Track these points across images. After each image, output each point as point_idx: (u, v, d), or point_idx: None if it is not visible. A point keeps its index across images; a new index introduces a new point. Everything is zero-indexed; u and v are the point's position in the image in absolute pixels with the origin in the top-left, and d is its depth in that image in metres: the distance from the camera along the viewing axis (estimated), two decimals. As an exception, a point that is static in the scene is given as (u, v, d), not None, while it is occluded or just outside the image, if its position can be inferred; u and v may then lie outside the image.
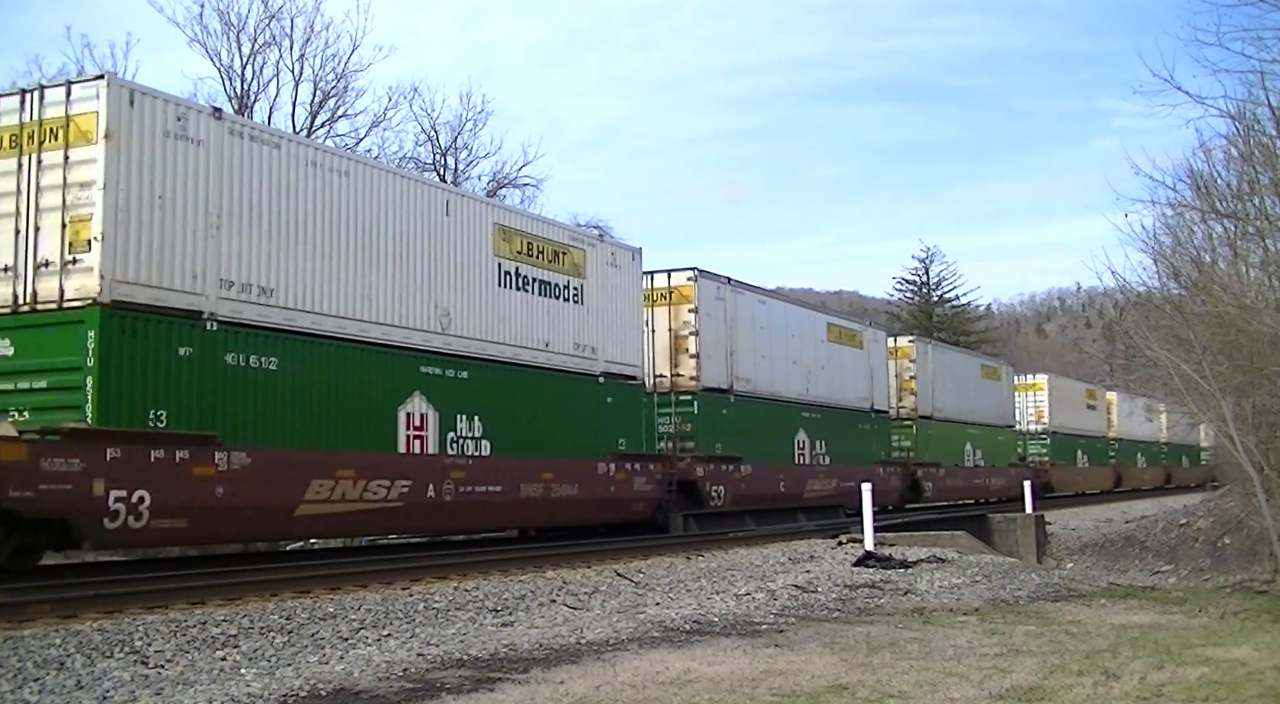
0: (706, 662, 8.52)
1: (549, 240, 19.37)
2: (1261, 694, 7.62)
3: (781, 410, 26.11)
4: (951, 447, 35.69)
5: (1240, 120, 17.32)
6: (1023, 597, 13.81)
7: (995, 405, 40.40)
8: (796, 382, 26.85)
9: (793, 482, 25.99)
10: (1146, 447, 60.97)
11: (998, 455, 39.79)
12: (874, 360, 31.10)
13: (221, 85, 30.73)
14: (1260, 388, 17.22)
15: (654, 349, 22.88)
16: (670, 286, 23.39)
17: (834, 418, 28.36)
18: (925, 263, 70.78)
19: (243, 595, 11.26)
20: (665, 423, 22.88)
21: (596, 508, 19.83)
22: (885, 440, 31.51)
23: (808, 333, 27.91)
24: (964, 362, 39.35)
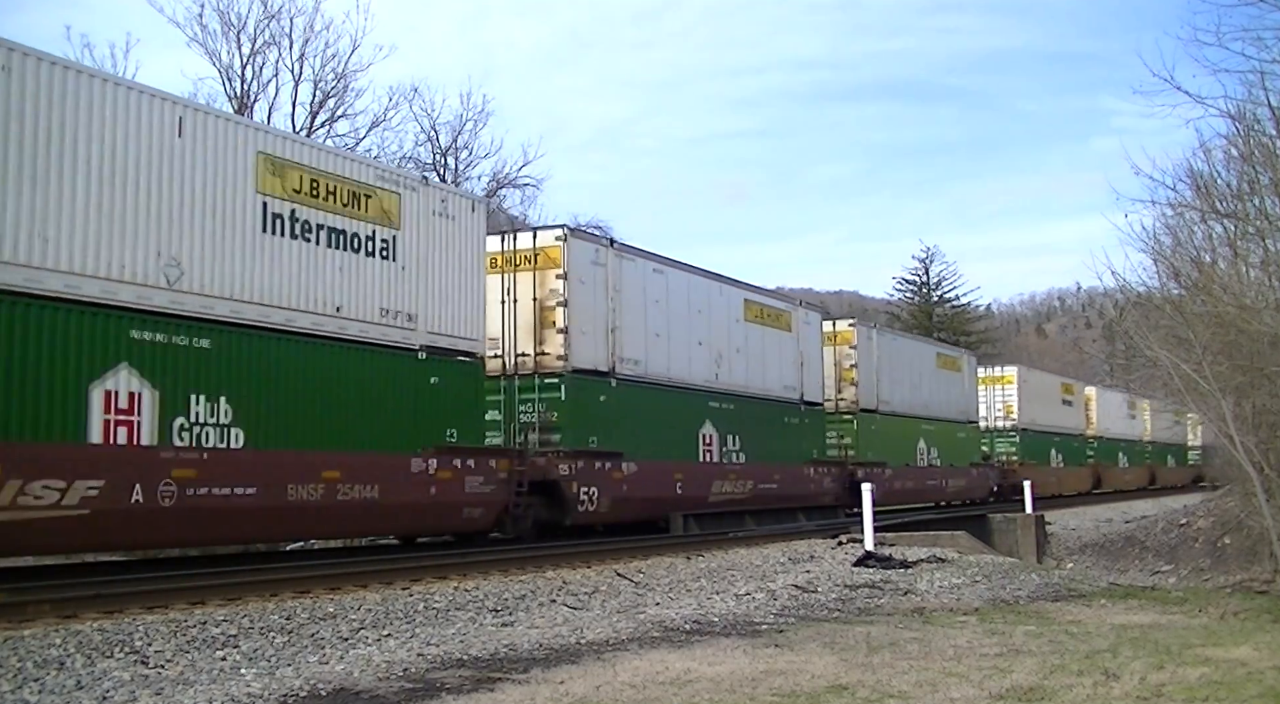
0: (706, 662, 8.52)
1: (346, 179, 15.15)
2: (1261, 694, 7.62)
3: (682, 399, 22.21)
4: (901, 444, 32.05)
5: (1240, 120, 17.34)
6: (1023, 597, 13.82)
7: (954, 399, 36.62)
8: (703, 365, 23.04)
9: (694, 483, 21.98)
10: (1129, 445, 57.67)
11: (957, 454, 36.14)
12: (805, 345, 27.23)
13: (221, 85, 30.75)
14: (1260, 388, 17.22)
15: (515, 322, 19.18)
16: (536, 248, 19.30)
17: (752, 409, 24.49)
18: (925, 263, 70.92)
19: (243, 595, 11.26)
20: (528, 411, 19.13)
21: (409, 515, 16.02)
22: (818, 437, 27.84)
23: (719, 309, 23.90)
24: (916, 349, 35.34)
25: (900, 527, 21.22)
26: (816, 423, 27.89)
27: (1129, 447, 57.24)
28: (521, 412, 19.24)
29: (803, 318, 27.59)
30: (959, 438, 36.82)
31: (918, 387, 33.74)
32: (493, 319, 18.73)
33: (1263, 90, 16.37)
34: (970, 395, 38.47)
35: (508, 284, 19.48)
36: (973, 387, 38.92)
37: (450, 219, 17.02)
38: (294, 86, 31.77)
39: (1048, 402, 46.46)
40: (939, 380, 35.55)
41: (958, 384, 37.18)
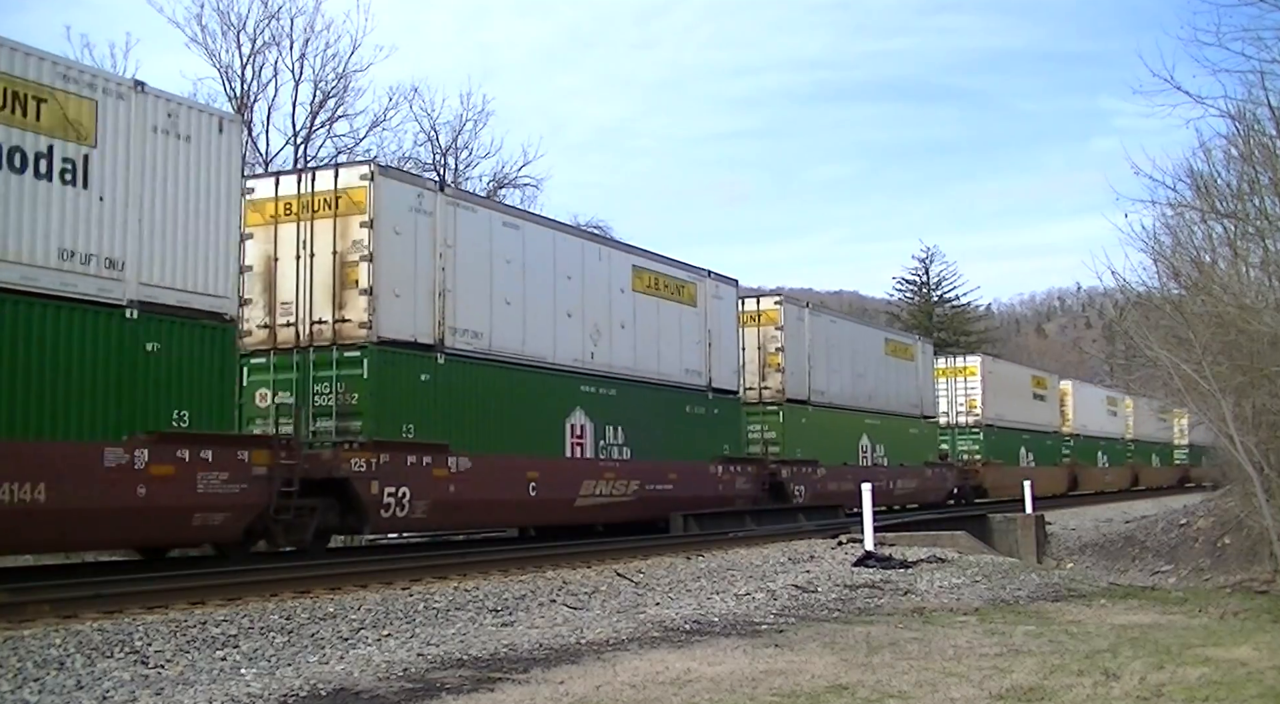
0: (706, 662, 8.52)
1: (1, 74, 11.88)
2: (1261, 694, 7.62)
3: (541, 381, 18.71)
4: (838, 441, 28.62)
5: (1240, 120, 17.35)
6: (1023, 597, 13.81)
7: (906, 391, 33.16)
8: (573, 341, 19.53)
9: (555, 483, 18.58)
10: (1109, 444, 53.93)
11: (908, 452, 32.73)
12: (716, 322, 23.89)
13: (221, 85, 30.74)
14: (1260, 388, 17.22)
15: (311, 282, 16.08)
16: (338, 189, 16.04)
17: (641, 396, 21.15)
18: (925, 263, 70.99)
19: (243, 595, 11.26)
20: (325, 392, 15.93)
21: (104, 524, 12.30)
22: (733, 431, 24.32)
23: (597, 276, 20.35)
24: (859, 334, 31.54)
25: (900, 526, 21.21)
26: (730, 414, 24.31)
27: (1109, 445, 54.02)
28: (317, 393, 15.78)
29: (711, 291, 23.99)
30: (911, 434, 33.42)
31: (861, 376, 30.39)
32: (287, 278, 15.92)
33: (1263, 90, 16.40)
34: (925, 387, 34.94)
35: (304, 235, 15.97)
36: (928, 377, 35.51)
37: (183, 139, 13.39)
38: (294, 87, 31.80)
39: (1017, 396, 42.90)
40: (887, 370, 32.11)
41: (910, 374, 33.73)
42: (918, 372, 34.44)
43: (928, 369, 35.65)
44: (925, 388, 35.00)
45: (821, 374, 28.27)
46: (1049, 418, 46.37)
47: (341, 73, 32.47)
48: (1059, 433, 47.59)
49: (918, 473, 33.06)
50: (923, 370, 35.01)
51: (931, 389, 35.90)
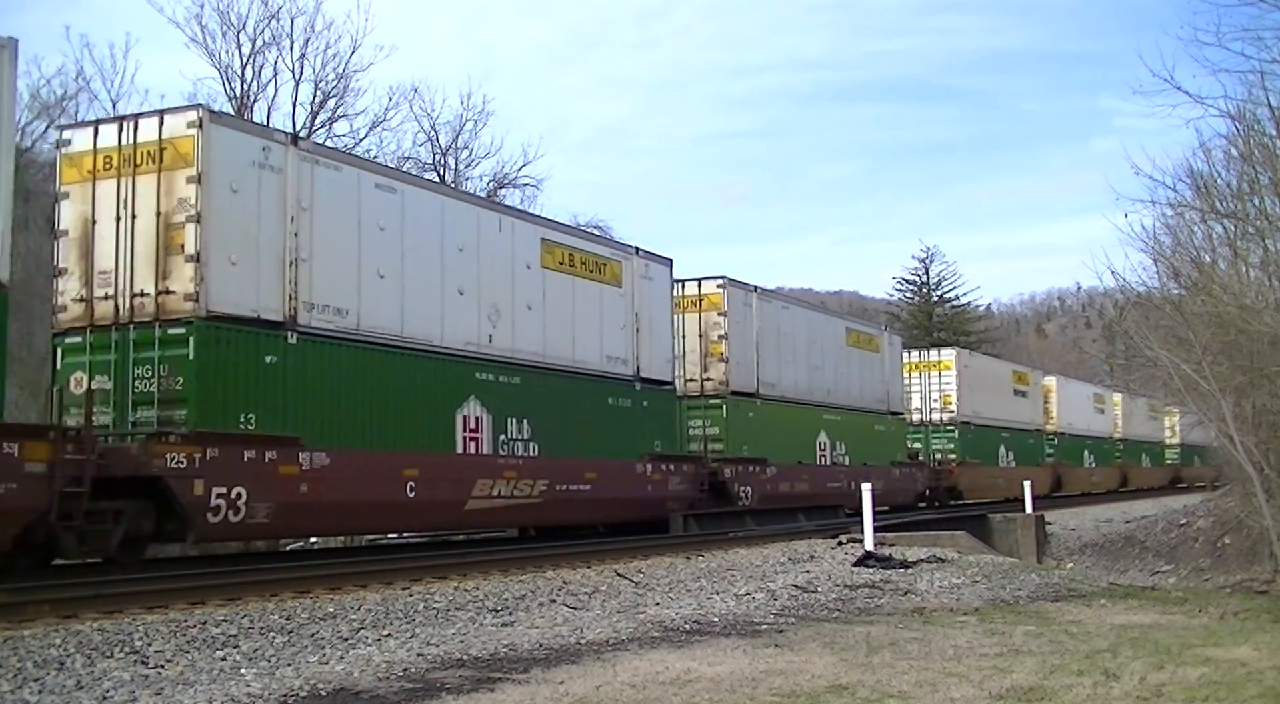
0: (706, 662, 8.52)
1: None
2: (1261, 694, 7.62)
3: (426, 366, 16.37)
4: (792, 437, 26.29)
5: (1240, 120, 17.37)
6: (1023, 597, 13.82)
7: (871, 385, 30.80)
8: (466, 322, 17.04)
9: (439, 483, 16.12)
10: (1097, 443, 51.30)
11: (874, 451, 30.33)
12: (646, 306, 21.46)
13: (221, 85, 30.71)
14: (1260, 388, 17.23)
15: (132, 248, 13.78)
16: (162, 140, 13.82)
17: (552, 386, 18.65)
18: (925, 263, 70.98)
19: (243, 595, 11.26)
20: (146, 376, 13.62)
21: None
22: (666, 425, 21.96)
23: (497, 248, 17.78)
24: (817, 322, 29.00)
25: (900, 526, 21.22)
26: (662, 407, 21.91)
27: (1097, 444, 51.38)
28: (137, 377, 13.62)
29: (640, 270, 21.48)
30: (877, 431, 31.06)
31: (819, 368, 28.00)
32: (105, 242, 13.85)
33: (1263, 90, 16.42)
34: (893, 381, 32.58)
35: (124, 193, 13.81)
36: (896, 371, 33.21)
37: None
38: (294, 87, 31.74)
39: (996, 392, 40.34)
40: (850, 362, 29.71)
41: (876, 367, 31.37)
42: (884, 364, 32.05)
43: (896, 362, 33.24)
44: (893, 382, 32.61)
45: (772, 365, 25.88)
46: (1031, 415, 43.92)
47: (342, 73, 32.46)
48: (1042, 431, 45.23)
49: (883, 473, 29.88)
50: (890, 363, 32.61)
51: (900, 383, 33.63)
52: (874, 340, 31.95)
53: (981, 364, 41.21)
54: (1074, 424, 48.52)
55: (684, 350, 23.94)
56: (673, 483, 21.51)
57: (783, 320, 26.79)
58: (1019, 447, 41.62)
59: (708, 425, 24.05)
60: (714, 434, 23.97)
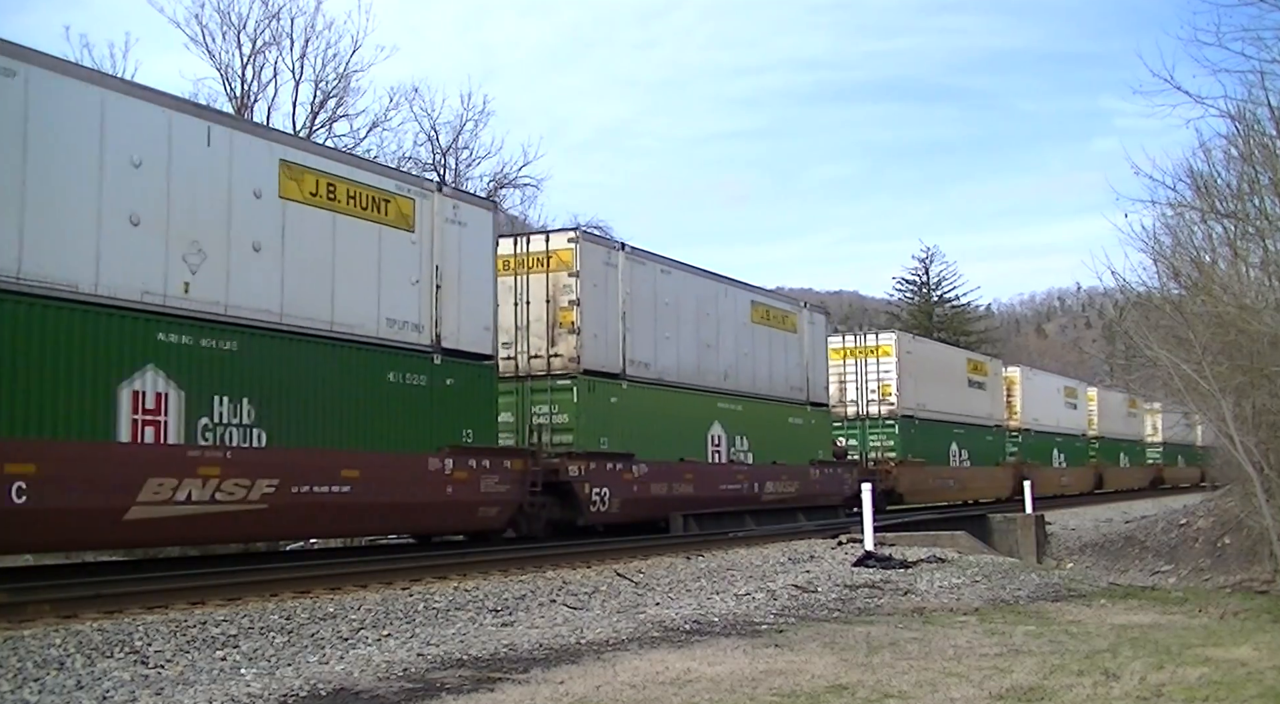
0: (706, 662, 8.52)
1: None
2: (1261, 694, 7.62)
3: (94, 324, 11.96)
4: (672, 429, 21.57)
5: (1240, 120, 17.36)
6: (1023, 597, 13.82)
7: (785, 370, 26.19)
8: (152, 269, 12.63)
9: (106, 484, 11.75)
10: (1068, 441, 46.89)
11: (787, 447, 25.59)
12: (450, 258, 16.68)
13: (221, 85, 30.69)
14: (1260, 388, 17.22)
15: None
16: None
17: (285, 354, 14.13)
18: (925, 263, 70.93)
19: (243, 595, 11.27)
20: None
21: None
22: (480, 409, 17.21)
23: (200, 170, 13.27)
24: (709, 292, 23.54)
25: (900, 527, 21.22)
26: (475, 387, 17.09)
27: (1068, 442, 46.91)
28: None
29: (445, 212, 16.68)
30: (791, 425, 26.31)
31: (713, 347, 23.40)
32: None
33: (1263, 90, 16.41)
34: (815, 367, 27.91)
35: None
36: (820, 355, 28.54)
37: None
38: (294, 87, 31.72)
39: (946, 382, 35.84)
40: (756, 341, 25.15)
41: (791, 350, 26.70)
42: (803, 347, 27.21)
43: (819, 344, 28.39)
44: (815, 367, 27.78)
45: (645, 340, 21.13)
46: (990, 409, 39.12)
47: (342, 73, 32.41)
48: (1003, 428, 40.50)
49: (798, 473, 25.62)
50: (811, 346, 27.67)
51: (825, 369, 28.83)
52: (789, 318, 26.86)
53: (929, 351, 36.14)
54: (1041, 420, 44.21)
55: (526, 319, 19.59)
56: (487, 483, 16.73)
57: (663, 287, 22.00)
58: (974, 444, 37.06)
59: (555, 412, 19.40)
60: (562, 422, 19.36)
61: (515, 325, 19.62)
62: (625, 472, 19.98)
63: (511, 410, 19.36)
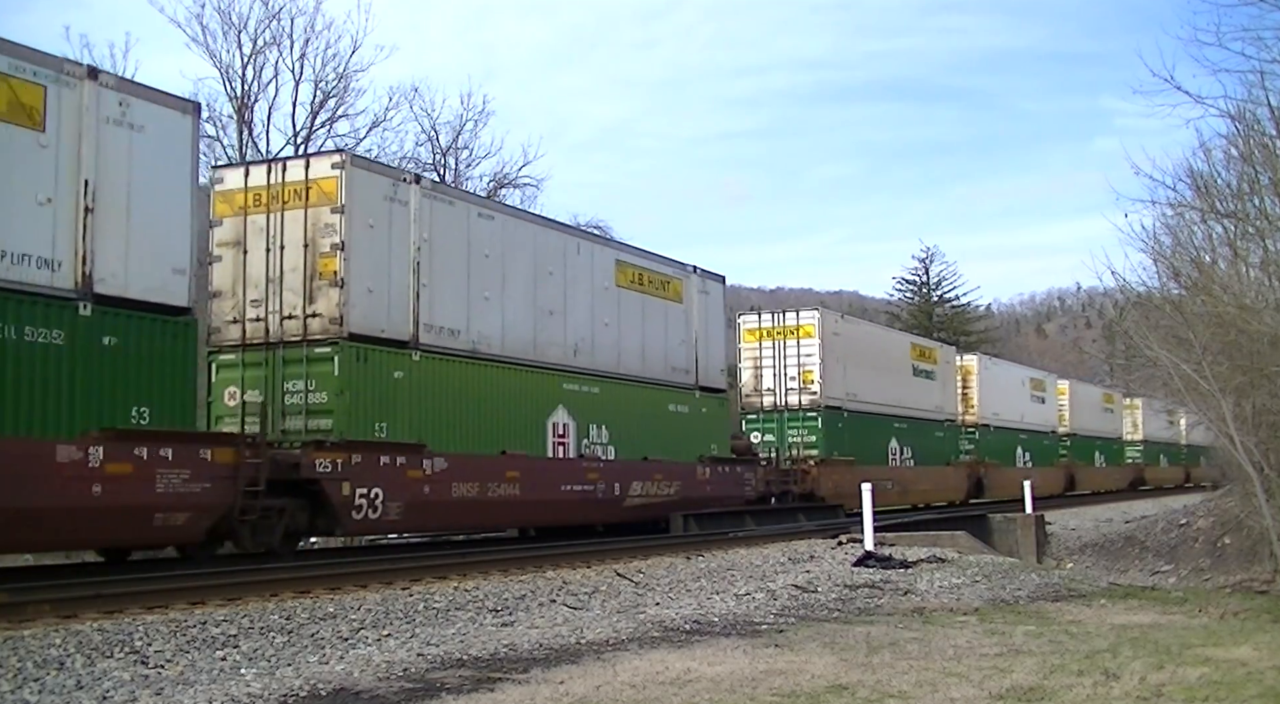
0: (706, 662, 8.52)
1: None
2: (1261, 694, 7.62)
3: None
4: (493, 417, 17.48)
5: (1240, 120, 17.37)
6: (1023, 597, 13.81)
7: (666, 347, 22.16)
8: None
9: None
10: (1035, 439, 42.71)
11: (666, 440, 21.64)
12: (117, 172, 12.59)
13: (222, 85, 30.74)
14: (1260, 388, 17.22)
15: None
16: None
17: None
18: (925, 263, 71.00)
19: (243, 595, 11.26)
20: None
21: None
22: (165, 383, 12.99)
23: None
24: (551, 244, 19.22)
25: (900, 527, 21.20)
26: (159, 350, 12.96)
27: (1034, 440, 42.85)
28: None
29: (106, 110, 12.53)
30: (673, 414, 22.17)
31: (556, 314, 19.10)
32: None
33: (1263, 90, 16.41)
34: (710, 345, 23.70)
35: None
36: (717, 331, 24.26)
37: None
38: (294, 87, 31.81)
39: (885, 370, 31.54)
40: (624, 311, 20.85)
41: (675, 323, 22.52)
42: (691, 320, 23.03)
43: (714, 318, 24.14)
44: (708, 345, 23.66)
45: (452, 300, 16.94)
46: (938, 402, 35.02)
47: (342, 73, 32.52)
48: (957, 423, 36.40)
49: (680, 472, 21.69)
50: (703, 319, 23.53)
51: (721, 347, 24.62)
52: (672, 284, 22.44)
53: (861, 333, 31.81)
54: (1003, 415, 40.16)
55: (280, 269, 15.47)
56: (169, 481, 12.46)
57: (482, 235, 17.59)
58: (920, 441, 32.97)
59: (311, 390, 15.26)
60: (320, 403, 15.27)
61: (267, 277, 15.54)
62: (411, 468, 15.48)
63: (260, 387, 15.34)
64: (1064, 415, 47.05)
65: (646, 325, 21.77)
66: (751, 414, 28.50)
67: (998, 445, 39.27)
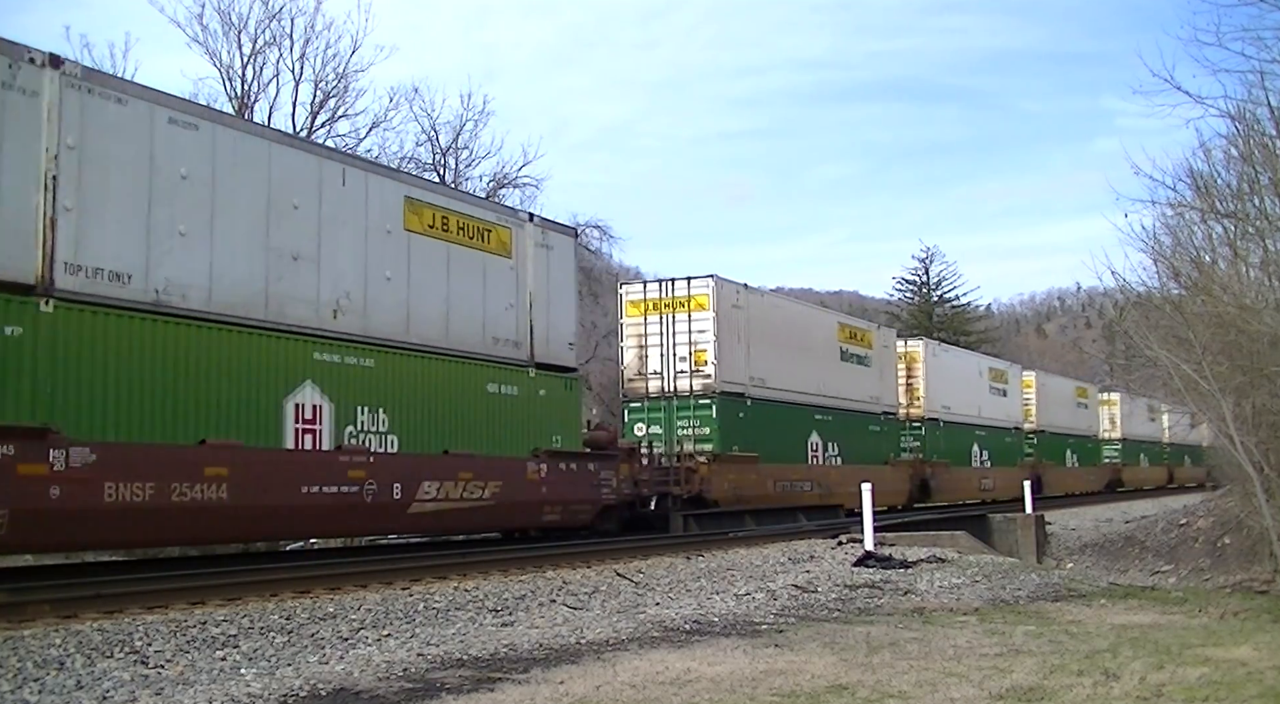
0: (706, 662, 8.52)
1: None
2: (1261, 694, 7.62)
3: None
4: (191, 398, 13.07)
5: (1240, 120, 17.38)
6: (1023, 597, 13.81)
7: (483, 314, 17.60)
8: None
9: None
10: (995, 435, 38.23)
11: (480, 429, 17.25)
12: None
13: (222, 85, 30.71)
14: (1260, 388, 17.23)
15: None
16: None
17: None
18: (925, 263, 71.01)
19: (243, 595, 11.27)
20: None
21: None
22: None
23: None
24: (299, 170, 14.77)
25: (900, 526, 21.20)
26: None
27: (994, 437, 38.14)
28: None
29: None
30: (496, 397, 17.56)
31: (302, 260, 14.67)
32: None
33: (1263, 90, 16.43)
34: (556, 312, 19.04)
35: None
36: (563, 294, 19.32)
37: None
38: (294, 87, 31.77)
39: (802, 352, 26.94)
40: (418, 263, 16.42)
41: (498, 282, 17.83)
42: (523, 278, 18.36)
43: (563, 278, 19.37)
44: (555, 312, 19.05)
45: (112, 232, 12.40)
46: (877, 392, 30.47)
47: (342, 73, 32.45)
48: (897, 416, 31.88)
49: (501, 470, 17.30)
50: (542, 278, 18.75)
51: (573, 317, 19.94)
52: (496, 234, 17.76)
53: (768, 306, 26.40)
54: (955, 408, 35.39)
55: None
56: None
57: (171, 148, 13.12)
58: (850, 436, 28.39)
59: None
60: None
61: None
62: (26, 461, 11.15)
63: None
64: (1030, 410, 42.99)
65: (454, 283, 17.02)
66: (635, 401, 24.29)
67: (949, 443, 34.71)
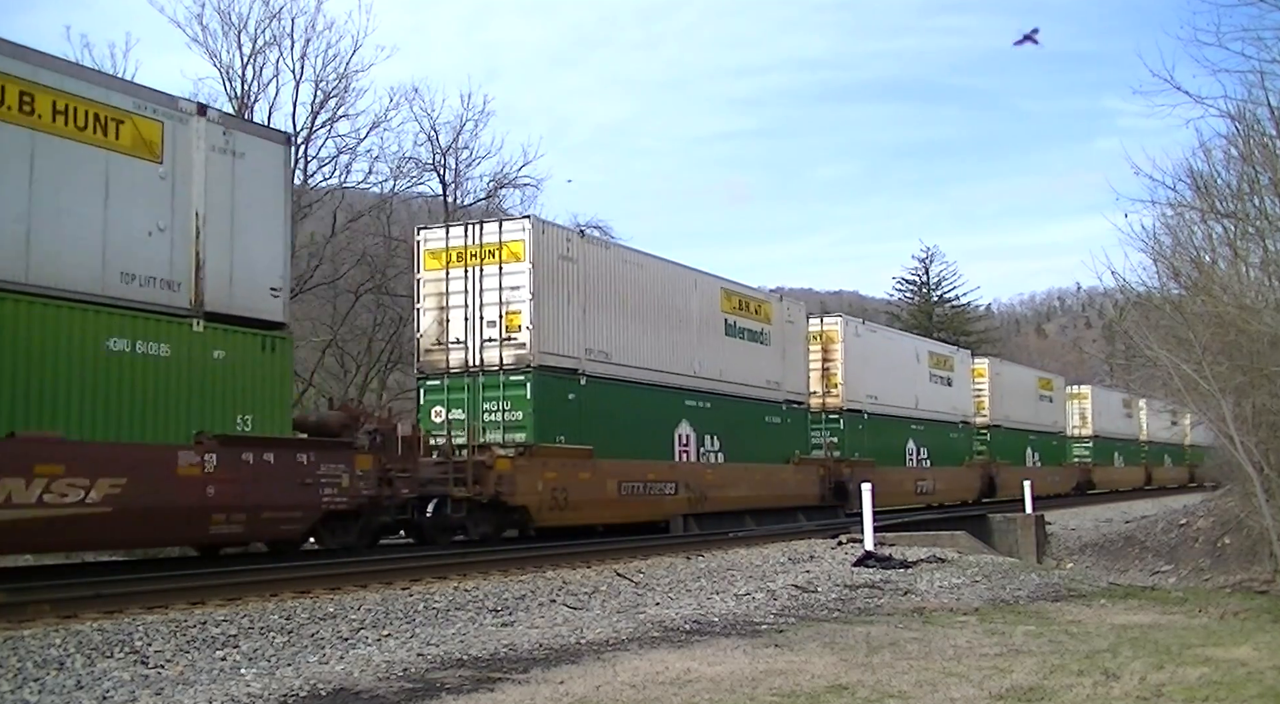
0: (706, 662, 8.52)
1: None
2: (1261, 694, 7.62)
3: None
4: None
5: (1240, 120, 17.36)
6: (1023, 597, 13.81)
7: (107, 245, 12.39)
8: None
9: None
10: (939, 431, 33.84)
11: (110, 411, 12.20)
12: None
13: (222, 85, 30.68)
14: (1260, 388, 17.22)
15: None
16: None
17: None
18: (925, 263, 70.94)
19: (243, 595, 11.27)
20: None
21: None
22: None
23: None
24: None
25: (900, 527, 21.20)
26: None
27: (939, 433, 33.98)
28: None
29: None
30: (122, 357, 12.42)
31: None
32: None
33: (1263, 90, 16.41)
34: (235, 248, 13.92)
35: None
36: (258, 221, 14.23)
37: None
38: (295, 87, 31.73)
39: (669, 320, 22.09)
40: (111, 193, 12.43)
41: (134, 193, 12.76)
42: (186, 192, 13.38)
43: (266, 198, 14.49)
44: (244, 248, 14.13)
45: None
46: (778, 375, 25.70)
47: (342, 73, 32.40)
48: (805, 405, 27.23)
49: (135, 461, 12.22)
50: (224, 197, 13.86)
51: (281, 250, 14.99)
52: (134, 125, 12.78)
53: (612, 259, 21.08)
54: (883, 398, 30.78)
55: None
56: None
57: None
58: (738, 430, 23.77)
59: None
60: None
61: None
62: None
63: None
64: (983, 402, 38.23)
65: (43, 190, 11.92)
66: (433, 378, 19.18)
67: (876, 438, 29.92)
